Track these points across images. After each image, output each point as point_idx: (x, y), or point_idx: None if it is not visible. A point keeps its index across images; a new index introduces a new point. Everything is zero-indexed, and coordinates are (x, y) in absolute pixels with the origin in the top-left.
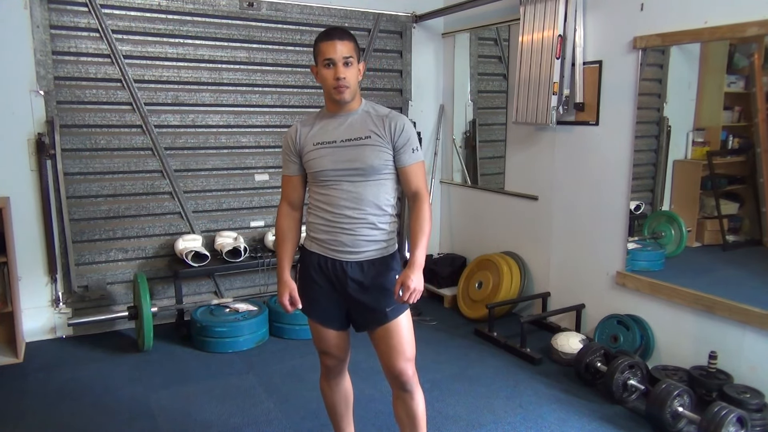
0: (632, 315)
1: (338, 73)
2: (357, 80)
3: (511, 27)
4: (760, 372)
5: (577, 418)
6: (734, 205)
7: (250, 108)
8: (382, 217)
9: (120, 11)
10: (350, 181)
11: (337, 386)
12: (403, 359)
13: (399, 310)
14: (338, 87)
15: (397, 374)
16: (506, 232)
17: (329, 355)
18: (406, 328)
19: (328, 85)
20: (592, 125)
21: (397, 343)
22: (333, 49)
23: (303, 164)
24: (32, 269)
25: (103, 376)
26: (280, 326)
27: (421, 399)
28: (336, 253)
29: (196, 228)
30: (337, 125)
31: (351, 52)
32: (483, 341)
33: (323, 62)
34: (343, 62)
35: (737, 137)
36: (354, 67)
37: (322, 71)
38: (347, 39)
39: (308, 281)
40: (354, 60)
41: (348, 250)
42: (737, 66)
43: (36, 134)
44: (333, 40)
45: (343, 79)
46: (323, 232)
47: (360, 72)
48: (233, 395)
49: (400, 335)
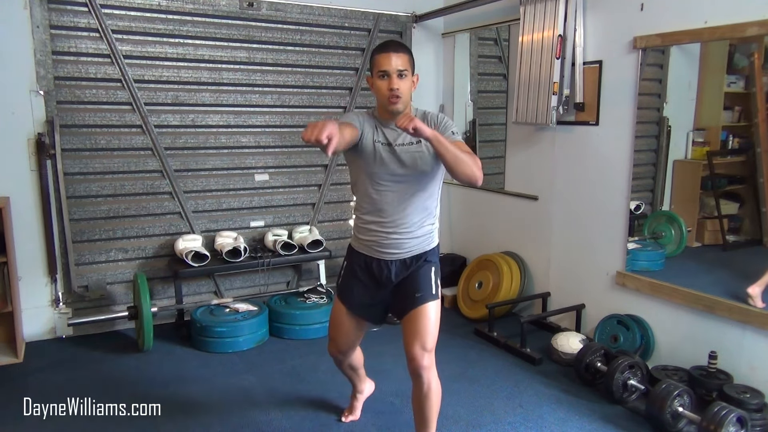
0: (632, 315)
1: (392, 84)
2: (410, 91)
3: (511, 27)
4: (760, 372)
5: (577, 418)
6: (734, 205)
7: (250, 108)
8: (427, 218)
9: (120, 11)
10: (401, 184)
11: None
12: (419, 345)
13: (426, 298)
14: (392, 98)
15: (410, 358)
16: (506, 232)
17: (335, 343)
18: (429, 319)
19: (382, 95)
20: (592, 125)
21: (417, 328)
22: (388, 61)
23: (360, 154)
24: (32, 269)
25: (103, 376)
26: (280, 326)
27: (433, 393)
28: (381, 254)
29: (196, 228)
30: (391, 131)
31: (406, 64)
32: (483, 341)
33: (378, 73)
34: (397, 74)
35: (737, 137)
36: (408, 79)
37: (377, 82)
38: (402, 52)
39: (352, 277)
40: (408, 72)
41: (394, 251)
42: (737, 66)
43: (36, 134)
44: (388, 53)
45: (397, 90)
46: (370, 233)
47: (414, 84)
48: (233, 395)
49: (422, 322)
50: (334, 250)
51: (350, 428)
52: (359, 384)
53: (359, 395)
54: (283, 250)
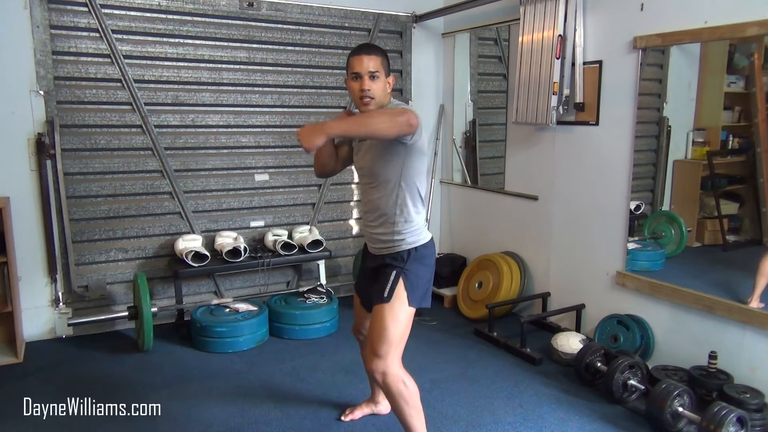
0: (632, 315)
1: (363, 86)
2: (384, 93)
3: (511, 27)
4: (760, 372)
5: (577, 418)
6: (734, 205)
7: (250, 108)
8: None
9: (120, 11)
10: (364, 179)
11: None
12: (369, 349)
13: (379, 299)
14: (363, 98)
15: (364, 361)
16: (506, 232)
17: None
18: (381, 322)
19: (355, 96)
20: (592, 125)
21: (371, 331)
22: (360, 63)
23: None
24: (32, 269)
25: (103, 376)
26: (280, 326)
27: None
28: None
29: (196, 228)
30: None
31: (378, 66)
32: (483, 341)
33: (351, 75)
34: (368, 76)
35: (737, 137)
36: (380, 80)
37: (350, 83)
38: (374, 54)
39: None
40: (381, 74)
41: (371, 244)
42: (737, 66)
43: (36, 134)
44: (360, 55)
45: (368, 91)
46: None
47: (389, 85)
48: (233, 395)
49: (374, 325)
50: (334, 250)
51: (350, 428)
52: (378, 395)
53: (372, 405)
54: (283, 250)
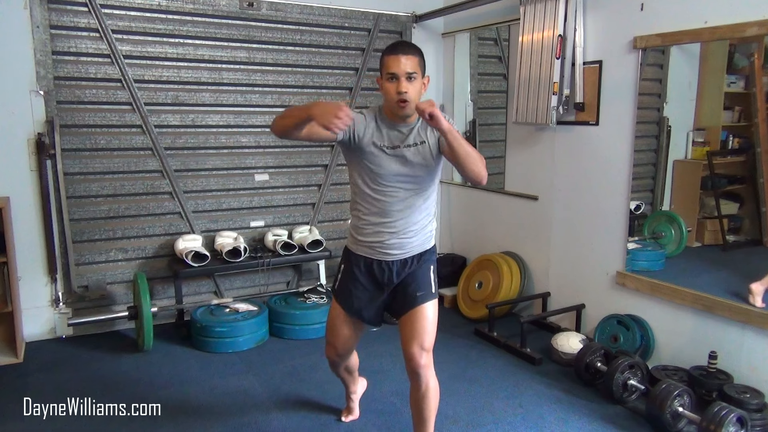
0: (632, 315)
1: (400, 88)
2: (419, 94)
3: (511, 27)
4: (760, 372)
5: (577, 418)
6: (734, 205)
7: (250, 108)
8: (427, 218)
9: (120, 11)
10: (404, 185)
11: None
12: (417, 344)
13: (426, 297)
14: (400, 101)
15: (409, 358)
16: (506, 232)
17: (333, 347)
18: (428, 318)
19: (390, 98)
20: (592, 125)
21: (416, 327)
22: (397, 63)
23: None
24: (32, 269)
25: (103, 376)
26: (280, 326)
27: (431, 393)
28: (384, 255)
29: (196, 228)
30: (397, 133)
31: (415, 67)
32: (483, 341)
33: (386, 75)
34: (405, 77)
35: (737, 137)
36: (417, 81)
37: (385, 84)
38: (412, 54)
39: (351, 279)
40: (418, 75)
41: (396, 252)
42: (737, 66)
43: (36, 134)
44: (397, 55)
45: (405, 94)
46: (373, 235)
47: (425, 86)
48: (233, 395)
49: (421, 321)
50: (334, 250)
51: (350, 428)
52: (352, 385)
53: (353, 395)
54: (283, 250)
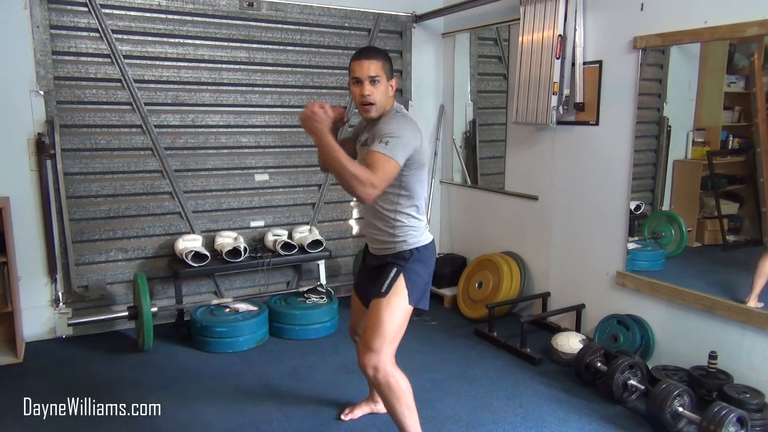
0: (632, 315)
1: (363, 91)
2: (385, 97)
3: (511, 27)
4: (760, 372)
5: (577, 418)
6: (734, 205)
7: (250, 108)
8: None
9: (120, 11)
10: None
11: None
12: (363, 343)
13: (377, 294)
14: (363, 103)
15: (358, 355)
16: (506, 232)
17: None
18: (377, 316)
19: (356, 101)
20: (592, 125)
21: (365, 325)
22: (360, 67)
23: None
24: (32, 269)
25: (103, 376)
26: (280, 326)
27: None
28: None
29: (196, 228)
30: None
31: (378, 70)
32: (483, 341)
33: (352, 80)
34: (369, 81)
35: (737, 137)
36: (382, 84)
37: (352, 88)
38: (375, 57)
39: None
40: (382, 78)
41: (372, 245)
42: (737, 66)
43: (36, 134)
44: (361, 59)
45: (368, 96)
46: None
47: (392, 88)
48: (233, 395)
49: (370, 319)
50: (334, 250)
51: (350, 428)
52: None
53: (372, 404)
54: (283, 250)
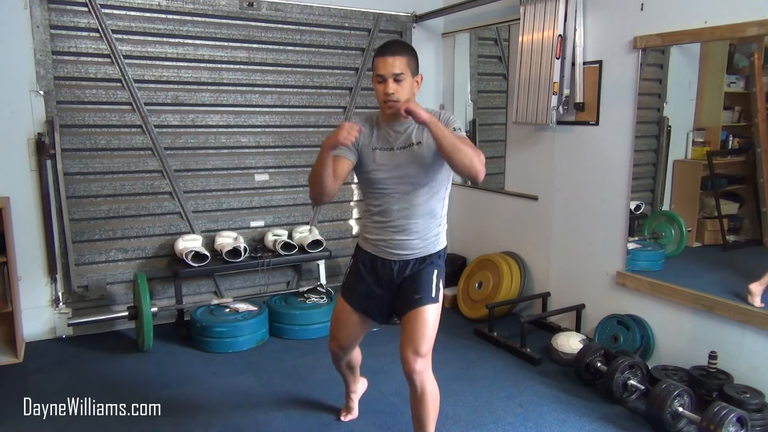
0: (632, 315)
1: (387, 89)
2: (410, 94)
3: (511, 27)
4: (760, 372)
5: (577, 418)
6: (734, 205)
7: (250, 108)
8: (431, 220)
9: (120, 11)
10: (403, 186)
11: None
12: (411, 349)
13: (424, 301)
14: (387, 102)
15: (403, 362)
16: (506, 232)
17: (336, 340)
18: (425, 322)
19: (379, 99)
20: (592, 125)
21: (412, 331)
22: (384, 65)
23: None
24: (32, 269)
25: (103, 376)
26: (280, 326)
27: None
28: (386, 254)
29: (196, 228)
30: (393, 132)
31: (403, 67)
32: (483, 341)
33: (376, 77)
34: (393, 78)
35: (737, 137)
36: (406, 81)
37: (375, 85)
38: (400, 54)
39: (356, 274)
40: (406, 75)
41: (398, 251)
42: (737, 66)
43: (36, 134)
44: (385, 56)
45: (392, 95)
46: (377, 233)
47: (417, 85)
48: (233, 395)
49: (417, 325)
50: (334, 250)
51: (350, 428)
52: (353, 384)
53: (353, 395)
54: (283, 250)
